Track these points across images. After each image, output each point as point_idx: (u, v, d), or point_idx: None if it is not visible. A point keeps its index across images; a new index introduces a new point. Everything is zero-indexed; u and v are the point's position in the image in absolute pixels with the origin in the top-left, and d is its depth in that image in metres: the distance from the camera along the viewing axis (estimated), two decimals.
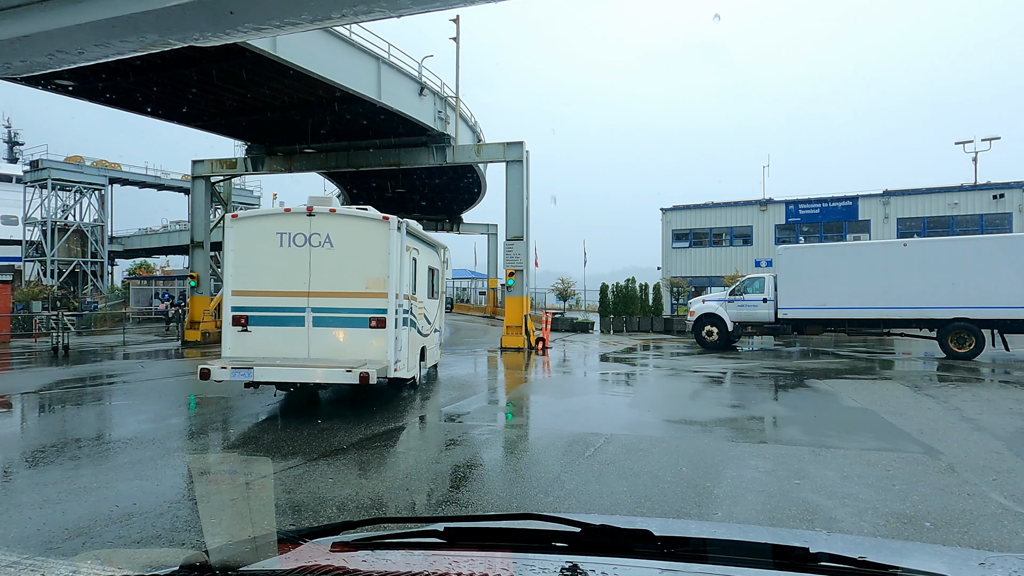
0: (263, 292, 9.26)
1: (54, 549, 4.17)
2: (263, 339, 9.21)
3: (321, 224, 9.21)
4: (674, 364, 16.11)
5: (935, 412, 9.30)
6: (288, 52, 16.07)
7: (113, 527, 4.59)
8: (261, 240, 9.32)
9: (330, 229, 9.21)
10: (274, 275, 9.24)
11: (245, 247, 9.39)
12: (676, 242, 35.11)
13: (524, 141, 20.98)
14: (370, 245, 9.29)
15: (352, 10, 0.96)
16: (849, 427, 8.28)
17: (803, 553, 1.22)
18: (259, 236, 9.34)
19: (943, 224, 29.82)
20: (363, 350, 9.14)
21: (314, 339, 9.18)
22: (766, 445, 7.24)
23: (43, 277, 41.17)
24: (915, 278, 17.34)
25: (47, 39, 1.03)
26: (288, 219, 9.30)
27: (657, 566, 1.21)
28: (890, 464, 6.35)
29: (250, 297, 9.28)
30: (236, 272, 9.37)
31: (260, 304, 9.25)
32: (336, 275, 9.20)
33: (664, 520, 3.99)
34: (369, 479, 5.88)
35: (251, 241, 9.38)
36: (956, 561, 1.46)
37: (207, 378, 8.46)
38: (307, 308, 9.18)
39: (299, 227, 9.21)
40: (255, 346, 9.18)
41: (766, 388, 12.00)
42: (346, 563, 1.24)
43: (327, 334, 9.20)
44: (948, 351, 17.02)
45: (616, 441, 7.37)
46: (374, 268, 9.22)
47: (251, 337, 9.22)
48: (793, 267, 19.21)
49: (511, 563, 1.26)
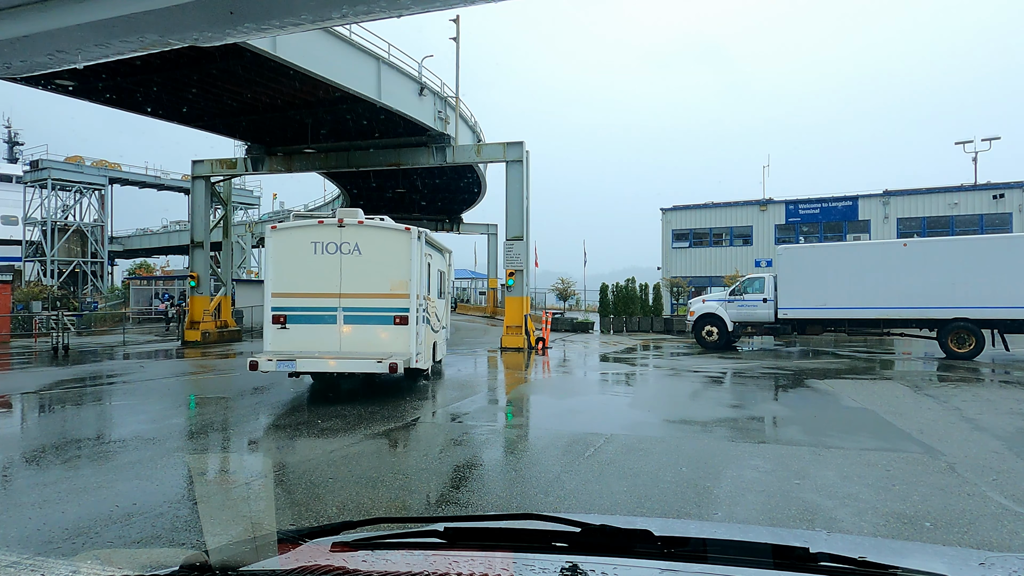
0: (299, 294, 10.33)
1: (54, 549, 4.18)
2: (300, 335, 10.29)
3: (350, 234, 10.32)
4: (674, 364, 16.12)
5: (935, 412, 9.30)
6: (288, 52, 16.07)
7: (113, 527, 4.59)
8: (297, 248, 10.39)
9: (358, 238, 10.33)
10: (309, 279, 10.30)
11: (283, 254, 10.46)
12: (676, 242, 35.11)
13: (524, 141, 20.98)
14: (394, 252, 10.42)
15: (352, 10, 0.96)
16: (849, 427, 8.28)
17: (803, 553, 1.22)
18: (295, 244, 10.43)
19: (943, 224, 29.81)
20: (388, 344, 10.24)
21: (345, 335, 10.27)
22: (766, 445, 7.24)
23: (43, 277, 41.18)
24: (915, 278, 17.34)
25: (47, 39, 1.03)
26: (321, 230, 10.39)
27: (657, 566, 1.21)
28: (890, 464, 6.35)
29: (288, 298, 10.35)
30: (276, 276, 10.45)
31: (297, 304, 10.32)
32: (364, 279, 10.28)
33: (664, 520, 3.99)
34: (364, 485, 5.88)
35: (288, 249, 10.46)
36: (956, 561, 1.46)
37: (255, 369, 9.68)
38: (338, 308, 10.26)
39: (331, 237, 10.32)
40: (293, 341, 10.27)
41: (766, 388, 12.01)
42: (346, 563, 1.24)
43: (357, 330, 10.29)
44: (948, 351, 17.02)
45: (616, 441, 7.37)
46: (397, 272, 10.35)
47: (289, 333, 10.30)
48: (793, 267, 19.21)
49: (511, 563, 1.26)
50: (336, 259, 10.26)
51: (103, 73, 17.75)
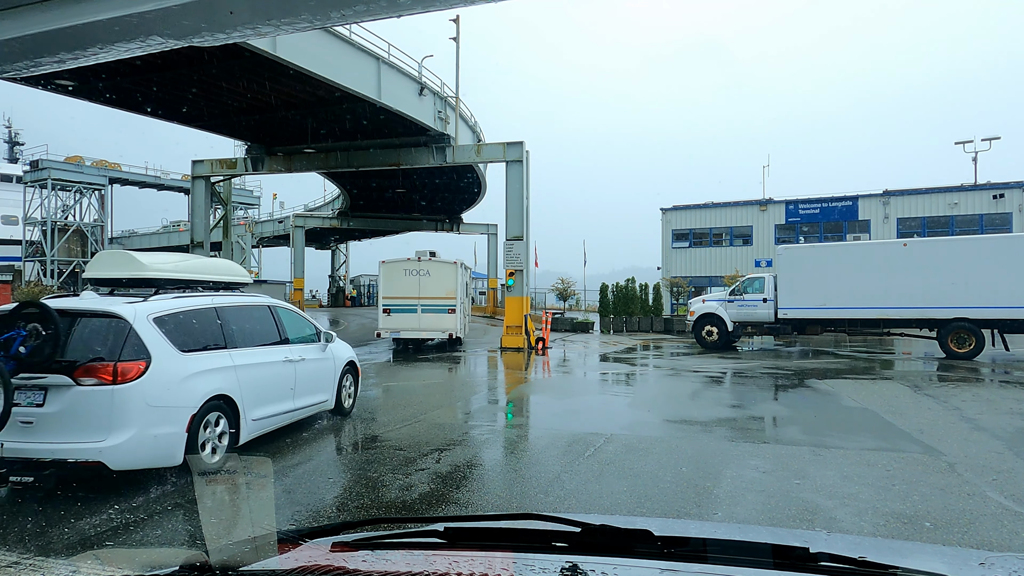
0: (397, 297, 18.66)
1: (54, 549, 4.18)
2: (396, 319, 18.60)
3: (424, 265, 18.71)
4: (674, 364, 16.12)
5: (935, 412, 9.30)
6: (287, 52, 16.06)
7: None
8: (395, 272, 18.79)
9: (428, 267, 18.69)
10: (401, 289, 18.61)
11: (388, 276, 18.81)
12: (676, 242, 35.12)
13: (524, 141, 20.97)
14: (447, 274, 18.75)
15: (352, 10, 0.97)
16: (849, 427, 8.28)
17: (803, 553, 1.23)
18: (395, 270, 18.78)
19: (943, 224, 29.82)
20: (445, 324, 18.57)
21: (422, 319, 18.54)
22: (766, 445, 7.24)
23: (43, 277, 41.16)
24: (915, 278, 17.33)
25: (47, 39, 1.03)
26: (408, 263, 18.75)
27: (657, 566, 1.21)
28: (890, 464, 6.35)
29: (391, 300, 18.66)
30: (384, 288, 18.89)
31: (396, 303, 18.66)
32: (431, 289, 18.55)
33: (664, 520, 4.01)
34: (357, 484, 5.88)
35: (391, 273, 18.83)
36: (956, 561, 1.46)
37: (380, 337, 18.63)
38: (418, 305, 18.51)
39: (414, 266, 18.64)
40: (393, 322, 18.58)
41: (766, 388, 12.01)
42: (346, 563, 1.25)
43: (428, 316, 18.52)
44: (948, 351, 17.01)
45: (616, 441, 7.37)
46: (449, 286, 18.68)
47: (391, 318, 18.64)
48: (793, 267, 19.21)
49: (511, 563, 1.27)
50: (416, 278, 18.55)
51: (103, 73, 17.72)
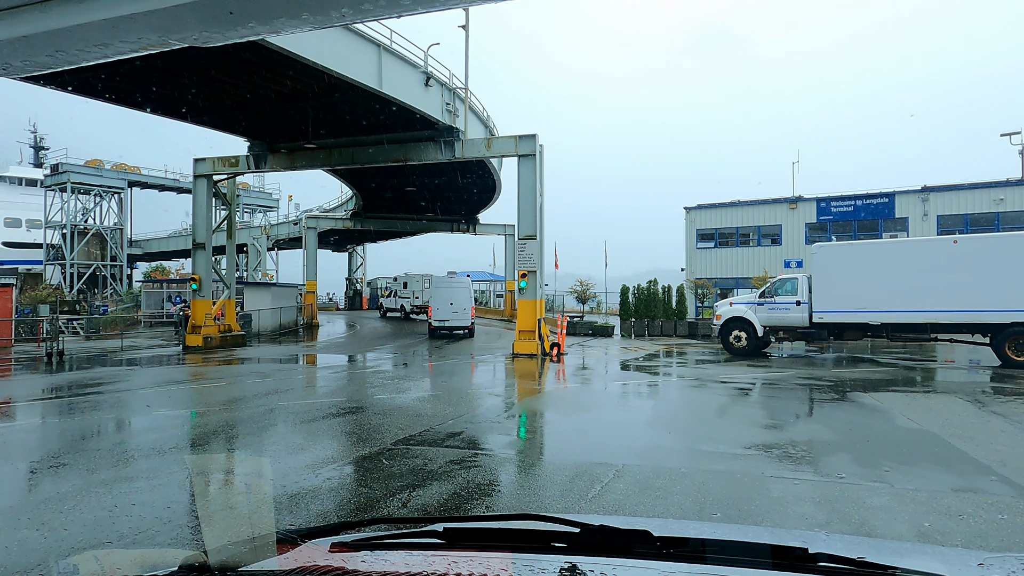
0: None
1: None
2: (439, 314, 25.86)
3: (452, 280, 26.80)
4: (699, 373, 14.73)
5: (1011, 436, 7.86)
6: (282, 39, 15.05)
7: None
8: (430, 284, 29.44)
9: (452, 283, 26.50)
10: (440, 299, 26.04)
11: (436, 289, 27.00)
12: (701, 242, 33.49)
13: (537, 134, 19.69)
14: (465, 288, 26.52)
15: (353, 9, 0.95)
16: (911, 456, 6.91)
17: (802, 553, 1.22)
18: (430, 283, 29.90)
19: (987, 221, 27.85)
20: (465, 320, 25.88)
21: (453, 315, 25.74)
22: (813, 484, 5.90)
23: (63, 280, 41.12)
24: (967, 278, 15.71)
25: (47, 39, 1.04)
26: (445, 279, 27.13)
27: (656, 566, 1.22)
28: (977, 512, 5.00)
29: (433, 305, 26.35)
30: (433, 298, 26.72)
31: (436, 305, 25.92)
32: (456, 297, 25.87)
33: (663, 520, 3.86)
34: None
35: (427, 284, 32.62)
36: (955, 561, 1.46)
37: (431, 328, 26.01)
38: (450, 307, 25.70)
39: (446, 283, 26.52)
40: (437, 315, 25.90)
41: (804, 402, 10.63)
42: (345, 563, 1.26)
43: (457, 314, 25.77)
44: (1005, 359, 15.37)
45: (628, 475, 6.11)
46: (468, 297, 26.44)
47: (435, 313, 25.92)
48: (829, 267, 17.70)
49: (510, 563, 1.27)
50: (449, 289, 26.03)
51: (102, 71, 17.10)
